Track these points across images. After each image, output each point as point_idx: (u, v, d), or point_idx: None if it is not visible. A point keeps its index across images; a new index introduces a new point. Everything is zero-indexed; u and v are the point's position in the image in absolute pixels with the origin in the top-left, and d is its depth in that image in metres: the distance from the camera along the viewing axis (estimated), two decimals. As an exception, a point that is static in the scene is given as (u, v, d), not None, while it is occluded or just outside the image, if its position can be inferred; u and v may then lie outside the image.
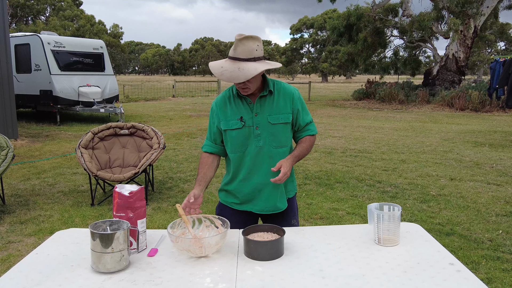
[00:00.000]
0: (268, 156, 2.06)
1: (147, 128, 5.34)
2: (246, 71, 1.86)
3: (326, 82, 52.44)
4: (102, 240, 1.52)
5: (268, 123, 2.03)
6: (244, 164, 2.09)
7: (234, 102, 2.07)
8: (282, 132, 2.07)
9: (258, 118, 2.03)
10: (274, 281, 1.48)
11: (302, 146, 2.12)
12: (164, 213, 4.64)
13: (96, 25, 42.10)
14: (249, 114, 2.04)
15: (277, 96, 2.06)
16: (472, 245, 3.76)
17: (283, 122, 2.06)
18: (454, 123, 12.47)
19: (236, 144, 2.08)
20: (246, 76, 1.86)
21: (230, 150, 2.11)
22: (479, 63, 43.73)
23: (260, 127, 2.04)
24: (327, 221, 4.38)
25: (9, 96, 8.95)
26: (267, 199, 2.10)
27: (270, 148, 2.05)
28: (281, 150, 2.08)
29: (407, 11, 19.18)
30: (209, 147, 2.19)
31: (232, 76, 1.87)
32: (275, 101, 2.05)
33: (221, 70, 1.90)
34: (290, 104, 2.08)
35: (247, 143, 2.06)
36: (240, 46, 1.88)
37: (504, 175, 6.23)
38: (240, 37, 1.87)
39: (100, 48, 13.13)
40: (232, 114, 2.06)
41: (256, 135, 2.04)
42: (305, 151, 2.12)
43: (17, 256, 3.53)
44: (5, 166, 4.54)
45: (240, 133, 2.05)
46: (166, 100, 22.08)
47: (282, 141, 2.08)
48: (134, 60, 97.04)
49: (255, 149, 2.05)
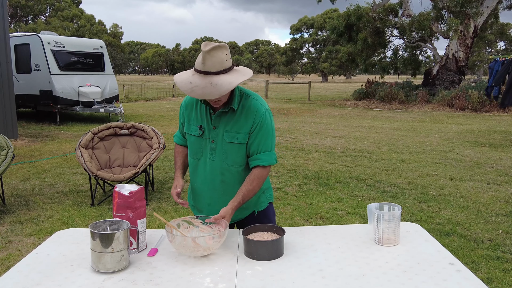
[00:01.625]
0: (220, 172, 1.95)
1: (147, 128, 5.34)
2: (220, 87, 1.70)
3: (326, 82, 52.43)
4: (102, 240, 1.52)
5: (223, 140, 1.91)
6: (197, 173, 2.02)
7: (199, 108, 1.97)
8: (236, 153, 1.92)
9: (216, 132, 1.92)
10: (274, 281, 1.48)
11: (247, 188, 1.89)
12: (164, 213, 4.64)
13: (96, 25, 42.12)
14: (208, 125, 1.93)
15: (239, 114, 1.89)
16: (472, 245, 3.76)
17: (238, 143, 1.90)
18: (454, 123, 12.47)
19: (193, 150, 2.02)
20: (220, 92, 1.70)
21: (189, 154, 2.06)
22: (479, 63, 43.74)
23: (216, 141, 1.93)
24: (327, 221, 4.38)
25: (9, 96, 8.95)
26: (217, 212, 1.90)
27: (222, 165, 1.94)
28: (234, 169, 1.95)
29: (407, 11, 19.18)
30: (179, 139, 2.18)
31: (204, 92, 1.71)
32: (236, 118, 1.89)
33: (191, 86, 1.72)
34: (251, 124, 1.88)
35: (203, 153, 1.98)
36: (209, 58, 1.70)
37: (504, 175, 6.24)
38: (207, 48, 1.70)
39: (100, 48, 13.13)
40: (194, 119, 1.98)
41: (211, 148, 1.94)
42: (251, 192, 1.90)
43: (17, 256, 3.53)
44: (5, 166, 4.54)
45: (197, 141, 1.97)
46: (166, 100, 22.09)
47: (236, 161, 1.94)
48: (134, 60, 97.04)
49: (208, 161, 1.96)
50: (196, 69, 1.76)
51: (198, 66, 1.75)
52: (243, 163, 1.96)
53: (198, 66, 1.75)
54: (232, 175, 1.96)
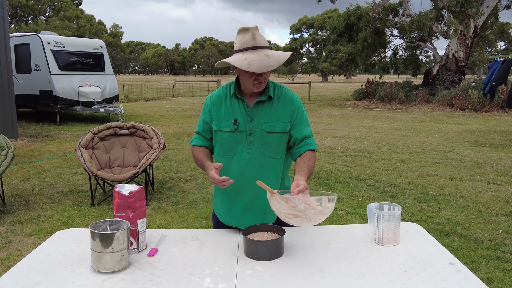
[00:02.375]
0: (259, 165, 1.89)
1: (147, 128, 5.34)
2: (276, 57, 1.74)
3: (326, 82, 52.43)
4: (102, 240, 1.52)
5: (263, 131, 1.87)
6: (230, 170, 1.90)
7: (230, 102, 1.91)
8: (277, 142, 1.90)
9: (253, 124, 1.88)
10: (274, 281, 1.48)
11: (309, 166, 1.84)
12: (164, 213, 4.64)
13: (96, 24, 42.13)
14: (244, 118, 1.88)
15: (277, 103, 1.90)
16: (472, 244, 3.76)
17: (280, 132, 1.89)
18: (454, 123, 12.47)
19: (224, 148, 1.92)
20: (279, 61, 1.73)
21: (218, 152, 1.96)
22: (479, 62, 43.73)
23: (254, 133, 1.88)
24: (327, 221, 4.36)
25: (9, 96, 8.96)
26: (254, 211, 1.93)
27: (262, 157, 1.89)
28: (274, 160, 1.92)
29: (407, 11, 19.18)
30: (198, 140, 2.03)
31: (262, 65, 1.71)
32: (274, 107, 1.89)
33: (247, 61, 1.72)
34: (290, 112, 1.90)
35: (237, 148, 1.90)
36: (257, 35, 1.77)
37: (504, 175, 6.23)
38: (254, 26, 1.79)
39: (100, 48, 13.13)
40: (225, 115, 1.91)
41: (249, 141, 1.88)
42: (311, 169, 1.86)
43: (17, 256, 3.53)
44: (5, 166, 4.54)
45: (231, 137, 1.90)
46: (166, 100, 22.09)
47: (277, 152, 1.91)
48: (134, 60, 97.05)
49: (245, 156, 1.89)
50: (246, 47, 1.78)
51: (248, 44, 1.77)
52: (283, 154, 1.94)
53: (248, 44, 1.77)
54: (271, 167, 1.91)
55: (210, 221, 4.39)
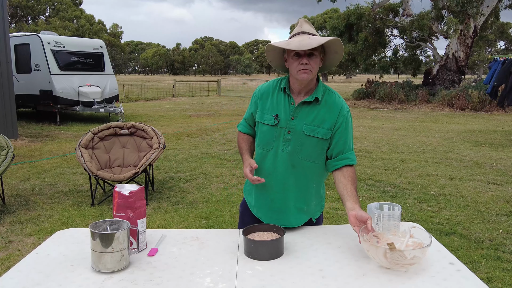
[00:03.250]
0: (292, 164, 1.88)
1: (147, 128, 5.34)
2: (316, 38, 1.75)
3: (326, 82, 52.45)
4: (102, 240, 1.52)
5: (302, 132, 1.85)
6: (265, 165, 1.92)
7: (276, 96, 1.91)
8: (314, 147, 1.87)
9: (294, 123, 1.85)
10: (274, 280, 1.48)
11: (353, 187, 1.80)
12: (164, 213, 4.64)
13: (96, 24, 42.12)
14: (286, 115, 1.86)
15: (323, 107, 1.86)
16: (472, 244, 3.76)
17: (319, 137, 1.85)
18: (454, 123, 12.47)
19: (263, 140, 1.93)
20: (318, 41, 1.73)
21: (257, 144, 1.98)
22: (479, 62, 43.74)
23: (293, 133, 1.86)
24: (327, 221, 4.38)
25: (9, 96, 8.96)
26: (279, 210, 1.95)
27: (296, 158, 1.88)
28: (307, 163, 1.89)
29: (407, 11, 19.18)
30: (244, 127, 2.07)
31: (301, 43, 1.72)
32: (318, 111, 1.85)
33: (287, 41, 1.78)
34: (335, 120, 1.85)
35: (274, 143, 1.89)
36: (306, 24, 1.83)
37: (504, 175, 6.23)
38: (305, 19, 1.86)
39: (100, 48, 13.13)
40: (270, 108, 1.90)
41: (286, 139, 1.87)
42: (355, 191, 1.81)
43: (17, 256, 3.53)
44: (5, 166, 4.54)
45: (270, 131, 1.89)
46: (166, 100, 22.09)
47: (312, 156, 1.88)
48: (134, 60, 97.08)
49: (280, 153, 1.88)
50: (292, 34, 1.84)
51: (295, 31, 1.84)
52: (318, 159, 1.90)
53: (295, 31, 1.84)
54: (303, 169, 1.90)
55: (210, 220, 4.40)
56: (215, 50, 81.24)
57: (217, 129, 11.18)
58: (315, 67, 1.80)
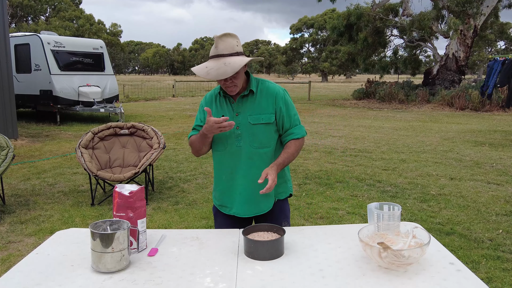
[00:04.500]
0: (248, 157, 2.03)
1: (147, 128, 5.34)
2: (233, 64, 1.84)
3: (326, 82, 52.42)
4: (103, 240, 1.52)
5: (249, 123, 2.01)
6: (224, 163, 2.08)
7: (219, 101, 2.07)
8: (263, 133, 2.02)
9: (239, 118, 2.01)
10: (274, 280, 1.48)
11: (287, 152, 2.04)
12: (164, 213, 4.64)
13: (95, 24, 42.11)
14: (230, 114, 2.03)
15: (260, 96, 2.03)
16: (472, 244, 3.76)
17: (264, 123, 2.01)
18: (454, 123, 12.47)
19: (217, 142, 2.07)
20: (234, 68, 1.84)
21: (213, 148, 2.11)
22: (479, 62, 43.74)
23: (241, 127, 2.01)
24: (327, 221, 4.38)
25: (9, 96, 8.95)
26: (248, 201, 2.07)
27: (250, 149, 2.02)
28: (262, 151, 2.04)
29: (407, 11, 19.18)
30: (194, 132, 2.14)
31: (219, 72, 1.84)
32: (257, 100, 2.02)
33: (206, 70, 1.88)
34: (273, 104, 2.03)
35: (228, 142, 2.04)
36: (221, 43, 1.88)
37: (504, 175, 6.23)
38: (219, 35, 1.90)
39: (100, 48, 13.13)
40: (215, 113, 2.04)
41: (237, 135, 2.02)
42: (290, 156, 2.04)
43: (17, 256, 3.53)
44: (5, 166, 4.54)
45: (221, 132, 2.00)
46: (166, 100, 22.08)
47: (263, 142, 2.03)
48: (134, 60, 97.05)
49: (235, 149, 2.03)
50: (210, 56, 1.92)
51: (212, 53, 1.91)
52: (270, 143, 2.06)
53: (212, 53, 1.91)
54: (260, 157, 2.03)
55: (210, 220, 4.40)
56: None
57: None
58: (239, 79, 1.95)
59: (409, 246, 1.60)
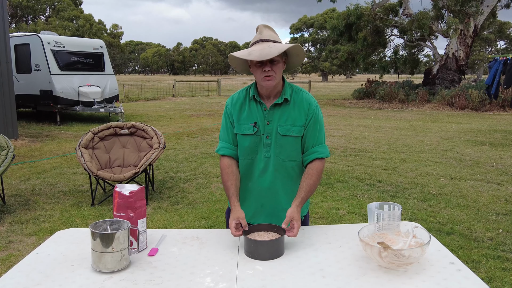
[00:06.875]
0: (274, 169, 1.92)
1: (147, 127, 5.34)
2: (277, 46, 1.77)
3: (326, 82, 52.44)
4: (103, 240, 1.52)
5: (278, 134, 1.89)
6: (251, 173, 1.96)
7: (249, 105, 1.93)
8: (291, 146, 1.91)
9: (270, 127, 1.90)
10: (275, 280, 1.48)
11: (308, 184, 1.86)
12: (164, 213, 4.64)
13: (95, 24, 42.11)
14: (262, 121, 1.90)
15: (292, 106, 1.90)
16: (472, 244, 3.76)
17: (294, 135, 1.89)
18: (454, 122, 12.47)
19: (246, 151, 1.94)
20: (279, 49, 1.75)
21: (240, 156, 1.97)
22: (479, 62, 43.73)
23: (271, 137, 1.90)
24: (327, 221, 4.38)
25: (9, 96, 8.95)
26: (270, 214, 1.97)
27: (276, 161, 1.92)
28: (288, 164, 1.93)
29: (407, 10, 19.17)
30: (227, 149, 1.97)
31: (262, 53, 1.75)
32: (289, 111, 1.90)
33: (248, 51, 1.80)
34: (305, 116, 1.90)
35: (257, 150, 1.93)
36: (266, 30, 1.86)
37: (504, 174, 6.23)
38: (264, 25, 1.89)
39: (100, 48, 13.13)
40: (246, 118, 1.92)
41: (266, 144, 1.91)
42: (312, 188, 1.88)
43: (17, 256, 3.53)
44: (5, 166, 4.54)
45: (252, 140, 1.92)
46: (166, 99, 22.08)
47: (291, 155, 1.92)
48: (134, 59, 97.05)
49: (263, 159, 1.92)
50: (253, 41, 1.86)
51: (255, 38, 1.86)
52: (297, 158, 1.95)
53: (255, 38, 1.86)
54: (286, 170, 1.94)
55: (210, 220, 4.40)
56: (215, 50, 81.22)
57: (217, 129, 11.17)
58: (278, 72, 1.84)
59: (409, 245, 1.60)
